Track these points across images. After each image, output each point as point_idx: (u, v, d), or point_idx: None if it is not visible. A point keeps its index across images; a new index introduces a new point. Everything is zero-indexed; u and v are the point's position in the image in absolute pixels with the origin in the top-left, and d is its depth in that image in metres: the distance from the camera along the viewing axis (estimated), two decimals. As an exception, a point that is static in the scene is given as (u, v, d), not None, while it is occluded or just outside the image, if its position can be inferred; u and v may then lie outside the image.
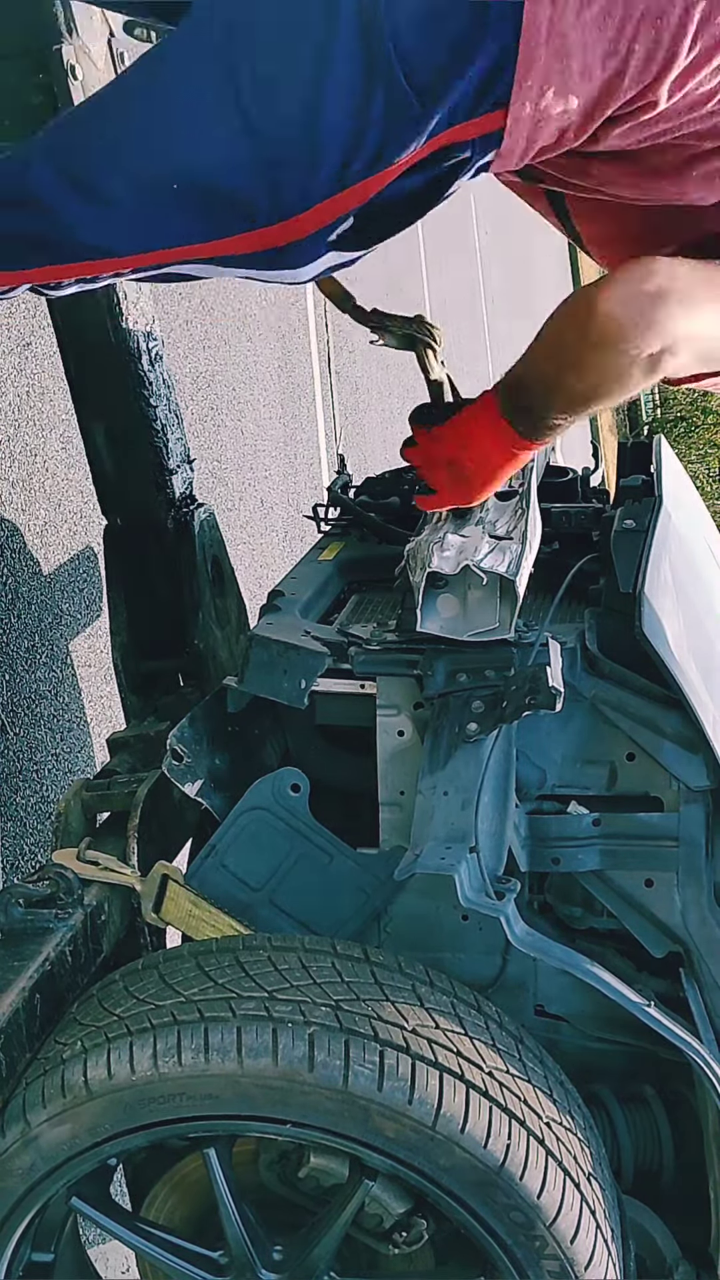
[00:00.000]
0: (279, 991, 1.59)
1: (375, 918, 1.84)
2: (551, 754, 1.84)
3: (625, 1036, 1.85)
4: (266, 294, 4.89)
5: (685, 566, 1.99)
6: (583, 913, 1.90)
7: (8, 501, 2.74)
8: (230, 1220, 1.66)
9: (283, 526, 4.81)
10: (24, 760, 2.66)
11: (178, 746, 1.82)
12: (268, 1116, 1.58)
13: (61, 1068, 1.59)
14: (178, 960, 1.70)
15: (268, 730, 2.01)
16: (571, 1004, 1.87)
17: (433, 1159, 1.54)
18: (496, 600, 1.74)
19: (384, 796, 1.85)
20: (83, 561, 3.03)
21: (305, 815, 1.83)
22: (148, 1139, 1.64)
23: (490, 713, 1.73)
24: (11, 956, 1.71)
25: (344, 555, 2.25)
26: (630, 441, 2.47)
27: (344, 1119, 1.54)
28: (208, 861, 1.84)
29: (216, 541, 2.48)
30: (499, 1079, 1.58)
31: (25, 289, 1.53)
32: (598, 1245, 1.58)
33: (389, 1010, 1.59)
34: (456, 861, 1.64)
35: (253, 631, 1.86)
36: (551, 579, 1.96)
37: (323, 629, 1.92)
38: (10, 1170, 1.61)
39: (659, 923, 1.82)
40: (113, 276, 1.52)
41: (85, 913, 1.79)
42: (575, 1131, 1.63)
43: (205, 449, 4.07)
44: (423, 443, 1.74)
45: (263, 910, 1.84)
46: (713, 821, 1.80)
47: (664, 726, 1.78)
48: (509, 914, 1.65)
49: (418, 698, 1.80)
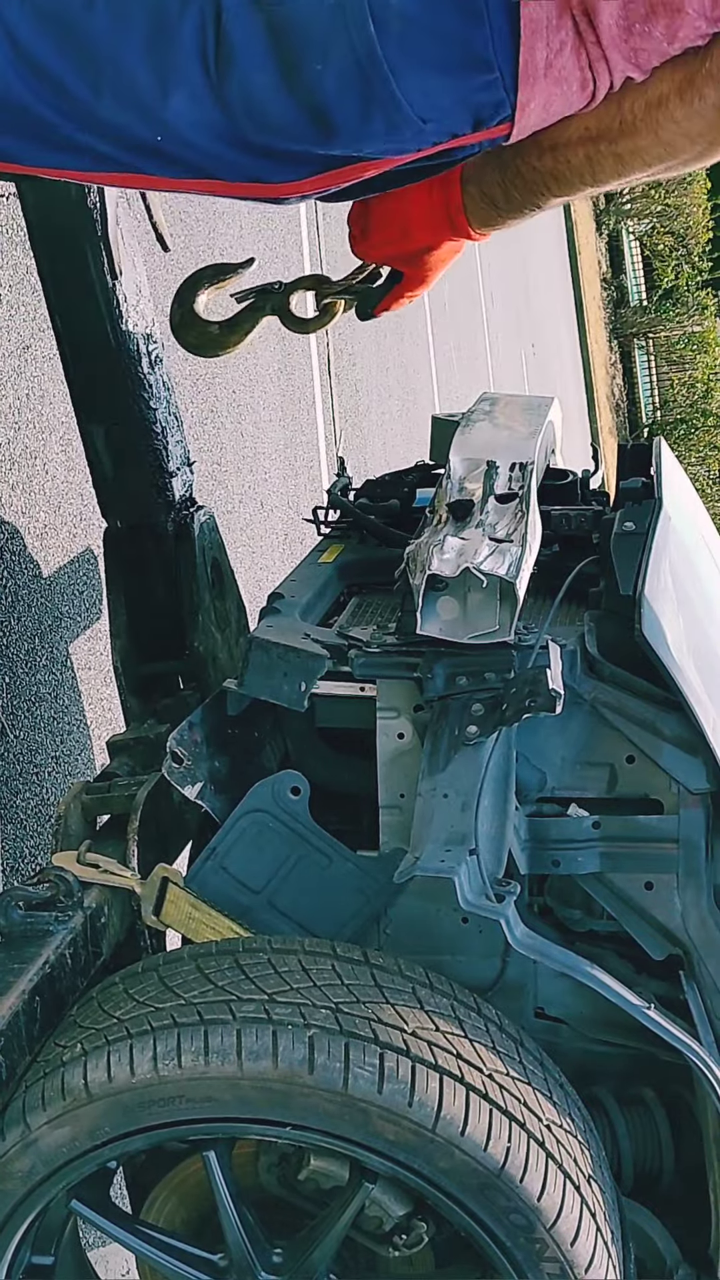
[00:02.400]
0: (279, 994, 1.59)
1: (375, 920, 1.84)
2: (551, 756, 1.84)
3: (625, 1039, 1.85)
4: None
5: (685, 569, 1.99)
6: (582, 915, 1.90)
7: (8, 504, 2.74)
8: (230, 1223, 1.66)
9: (282, 529, 4.81)
10: (24, 763, 2.66)
11: (178, 749, 1.82)
12: (267, 1119, 1.58)
13: (61, 1070, 1.59)
14: (177, 963, 1.70)
15: (268, 733, 2.01)
16: (571, 1006, 1.86)
17: (432, 1161, 1.54)
18: (496, 603, 1.74)
19: (384, 799, 1.85)
20: (83, 564, 3.04)
21: (305, 818, 1.83)
22: (147, 1142, 1.64)
23: (490, 715, 1.73)
24: (11, 959, 1.71)
25: (344, 558, 2.25)
26: (630, 444, 2.48)
27: (344, 1121, 1.54)
28: (208, 864, 1.84)
29: (216, 544, 2.49)
30: (499, 1081, 1.58)
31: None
32: (598, 1248, 1.58)
33: (389, 1013, 1.59)
34: (456, 864, 1.64)
35: (252, 634, 1.86)
36: (551, 581, 1.96)
37: (322, 632, 1.92)
38: (10, 1173, 1.61)
39: (659, 925, 1.82)
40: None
41: (85, 915, 1.79)
42: (575, 1134, 1.63)
43: (205, 451, 4.07)
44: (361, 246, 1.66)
45: (263, 913, 1.84)
46: (712, 824, 1.80)
47: (664, 729, 1.78)
48: (509, 916, 1.65)
49: (418, 700, 1.80)
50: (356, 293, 1.71)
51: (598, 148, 1.38)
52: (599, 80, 1.33)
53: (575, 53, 1.30)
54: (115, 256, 2.08)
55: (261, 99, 1.33)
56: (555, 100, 1.33)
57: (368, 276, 1.72)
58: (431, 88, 1.31)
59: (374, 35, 1.28)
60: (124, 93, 1.34)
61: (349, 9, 1.28)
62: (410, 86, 1.30)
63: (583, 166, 1.40)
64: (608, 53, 1.31)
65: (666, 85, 1.33)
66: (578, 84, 1.32)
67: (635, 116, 1.35)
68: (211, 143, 1.37)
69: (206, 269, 1.80)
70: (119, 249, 2.13)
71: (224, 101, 1.33)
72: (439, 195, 1.51)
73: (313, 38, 1.29)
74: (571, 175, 1.41)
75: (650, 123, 1.35)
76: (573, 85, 1.32)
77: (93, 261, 2.07)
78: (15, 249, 2.81)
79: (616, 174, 1.41)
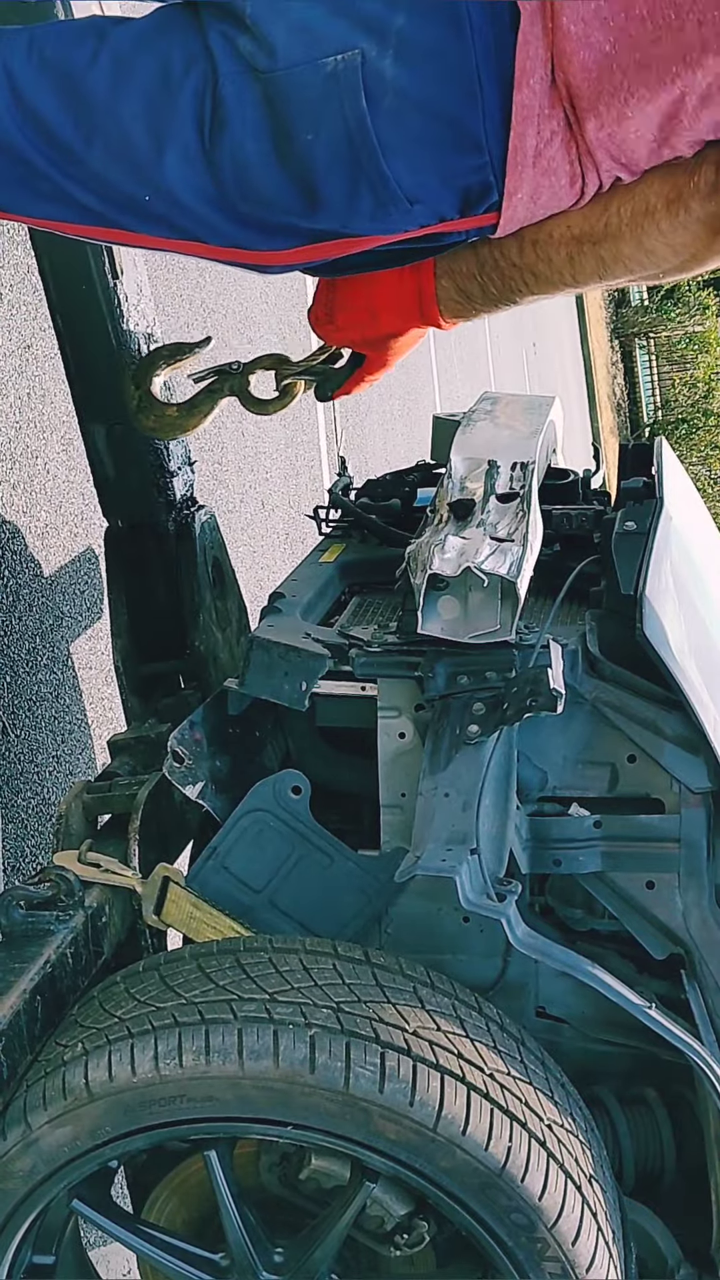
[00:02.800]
0: (280, 993, 1.59)
1: (376, 920, 1.84)
2: (552, 756, 1.84)
3: (626, 1038, 1.85)
4: (268, 296, 4.89)
5: (686, 568, 1.99)
6: (584, 915, 1.90)
7: (9, 504, 2.74)
8: (231, 1222, 1.66)
9: (283, 528, 4.81)
10: (25, 762, 2.66)
11: (179, 749, 1.82)
12: (269, 1118, 1.58)
13: (62, 1070, 1.59)
14: (179, 962, 1.70)
15: (269, 732, 2.01)
16: (572, 1006, 1.86)
17: (434, 1161, 1.54)
18: (497, 602, 1.74)
19: (385, 798, 1.85)
20: (84, 564, 3.04)
21: (306, 817, 1.83)
22: (149, 1141, 1.64)
23: (491, 714, 1.73)
24: (12, 959, 1.71)
25: (345, 557, 2.25)
26: (631, 443, 2.48)
27: (345, 1121, 1.54)
28: (209, 863, 1.84)
29: (217, 543, 2.49)
30: (500, 1081, 1.58)
31: None
32: (599, 1247, 1.58)
33: (390, 1012, 1.59)
34: (457, 863, 1.64)
35: (253, 634, 1.86)
36: (552, 581, 1.96)
37: (323, 631, 1.92)
38: (11, 1173, 1.61)
39: (660, 924, 1.82)
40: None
41: (86, 915, 1.79)
42: (576, 1133, 1.63)
43: (206, 451, 4.07)
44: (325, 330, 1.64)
45: (264, 912, 1.84)
46: (714, 823, 1.80)
47: (665, 728, 1.78)
48: (510, 916, 1.65)
49: (419, 700, 1.80)
50: (317, 374, 1.70)
51: (581, 248, 1.37)
52: (587, 176, 1.32)
53: (565, 145, 1.29)
54: (116, 256, 2.08)
55: (251, 167, 1.33)
56: (543, 192, 1.32)
57: (329, 357, 1.70)
58: (420, 166, 1.30)
59: (365, 108, 1.27)
60: (116, 146, 1.35)
61: (343, 80, 1.27)
62: (399, 163, 1.29)
63: (564, 265, 1.38)
64: (594, 151, 1.30)
65: (655, 196, 1.33)
66: (566, 178, 1.31)
67: (621, 221, 1.34)
68: (199, 205, 1.37)
69: (162, 349, 1.80)
70: (119, 248, 2.13)
71: (215, 166, 1.33)
72: (410, 284, 1.48)
73: (306, 107, 1.29)
74: (551, 273, 1.40)
75: (635, 229, 1.34)
76: (561, 178, 1.31)
77: (94, 261, 2.07)
78: (15, 248, 2.81)
79: (597, 275, 1.39)
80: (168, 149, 1.33)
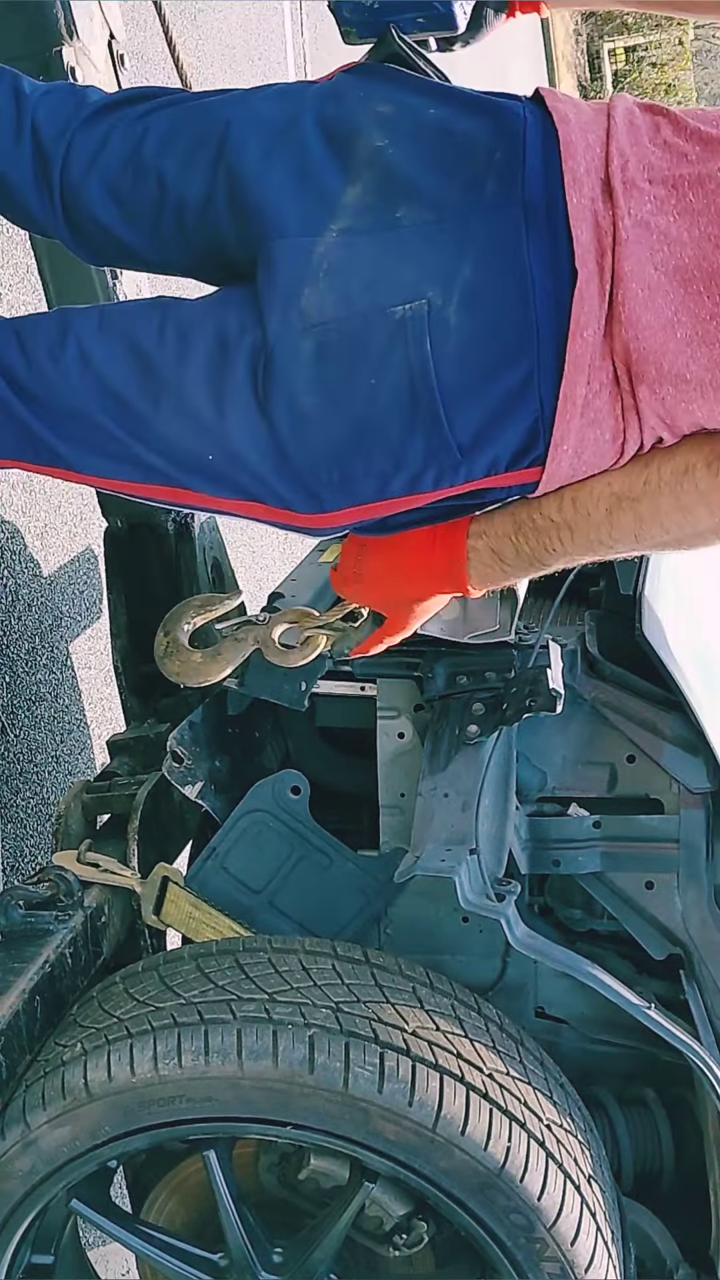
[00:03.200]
0: (279, 994, 1.59)
1: (375, 920, 1.84)
2: (552, 756, 1.84)
3: (626, 1039, 1.85)
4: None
5: (685, 569, 1.99)
6: (583, 915, 1.90)
7: (8, 504, 2.74)
8: (230, 1222, 1.66)
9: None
10: (24, 762, 2.66)
11: (178, 749, 1.82)
12: (268, 1119, 1.58)
13: (61, 1070, 1.59)
14: (178, 962, 1.70)
15: (268, 733, 2.01)
16: (572, 1006, 1.87)
17: (433, 1161, 1.54)
18: (497, 602, 1.73)
19: (384, 799, 1.85)
20: (83, 564, 3.03)
21: (305, 818, 1.83)
22: (148, 1141, 1.64)
23: (490, 715, 1.73)
24: (12, 959, 1.71)
25: (344, 558, 2.25)
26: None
27: (344, 1121, 1.54)
28: (208, 864, 1.84)
29: (217, 543, 2.48)
30: (499, 1081, 1.58)
31: None
32: (598, 1247, 1.58)
33: (389, 1012, 1.59)
34: (457, 864, 1.64)
35: (253, 634, 1.86)
36: (552, 581, 1.96)
37: (323, 631, 1.92)
38: (10, 1173, 1.61)
39: (659, 925, 1.82)
40: None
41: (85, 915, 1.79)
42: (575, 1134, 1.63)
43: (205, 451, 4.06)
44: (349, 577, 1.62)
45: (263, 912, 1.84)
46: (713, 824, 1.81)
47: (664, 729, 1.78)
48: (509, 916, 1.65)
49: (418, 700, 1.80)
50: (337, 630, 1.72)
51: (620, 504, 1.37)
52: (629, 432, 1.33)
53: (613, 398, 1.31)
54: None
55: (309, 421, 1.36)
56: (587, 446, 1.33)
57: (349, 614, 1.72)
58: (474, 411, 1.32)
59: (429, 353, 1.30)
60: (181, 407, 1.41)
61: (410, 325, 1.30)
62: (454, 408, 1.32)
63: (602, 521, 1.38)
64: (641, 406, 1.31)
65: (695, 454, 1.33)
66: (610, 432, 1.32)
67: (661, 479, 1.34)
68: (259, 462, 1.40)
69: (194, 599, 1.83)
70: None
71: (270, 421, 1.37)
72: (442, 549, 1.49)
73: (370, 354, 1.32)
74: (590, 529, 1.40)
75: (674, 486, 1.34)
76: (605, 432, 1.32)
77: (93, 261, 2.07)
78: (15, 248, 2.81)
79: (633, 534, 1.39)
80: (228, 408, 1.39)
